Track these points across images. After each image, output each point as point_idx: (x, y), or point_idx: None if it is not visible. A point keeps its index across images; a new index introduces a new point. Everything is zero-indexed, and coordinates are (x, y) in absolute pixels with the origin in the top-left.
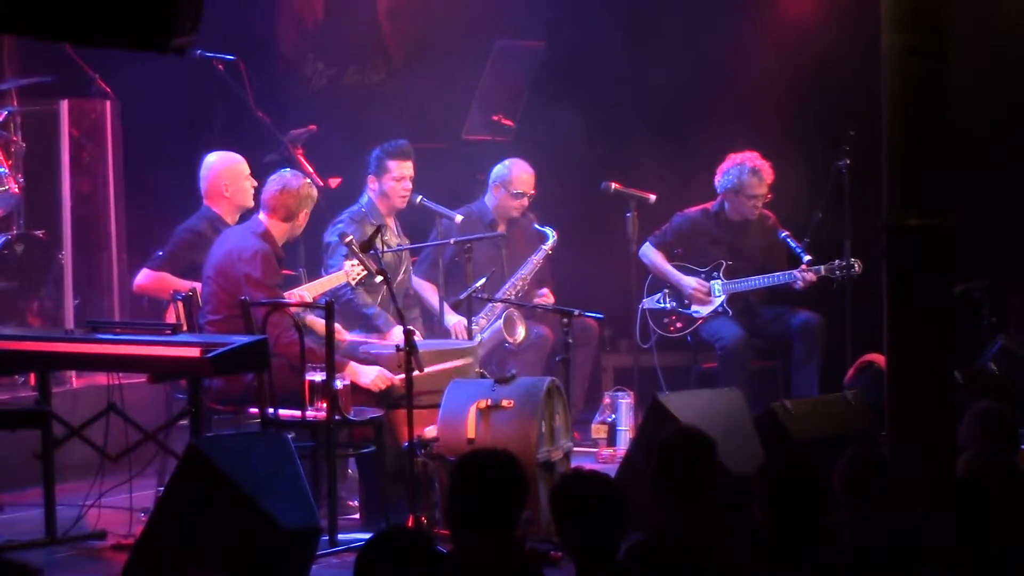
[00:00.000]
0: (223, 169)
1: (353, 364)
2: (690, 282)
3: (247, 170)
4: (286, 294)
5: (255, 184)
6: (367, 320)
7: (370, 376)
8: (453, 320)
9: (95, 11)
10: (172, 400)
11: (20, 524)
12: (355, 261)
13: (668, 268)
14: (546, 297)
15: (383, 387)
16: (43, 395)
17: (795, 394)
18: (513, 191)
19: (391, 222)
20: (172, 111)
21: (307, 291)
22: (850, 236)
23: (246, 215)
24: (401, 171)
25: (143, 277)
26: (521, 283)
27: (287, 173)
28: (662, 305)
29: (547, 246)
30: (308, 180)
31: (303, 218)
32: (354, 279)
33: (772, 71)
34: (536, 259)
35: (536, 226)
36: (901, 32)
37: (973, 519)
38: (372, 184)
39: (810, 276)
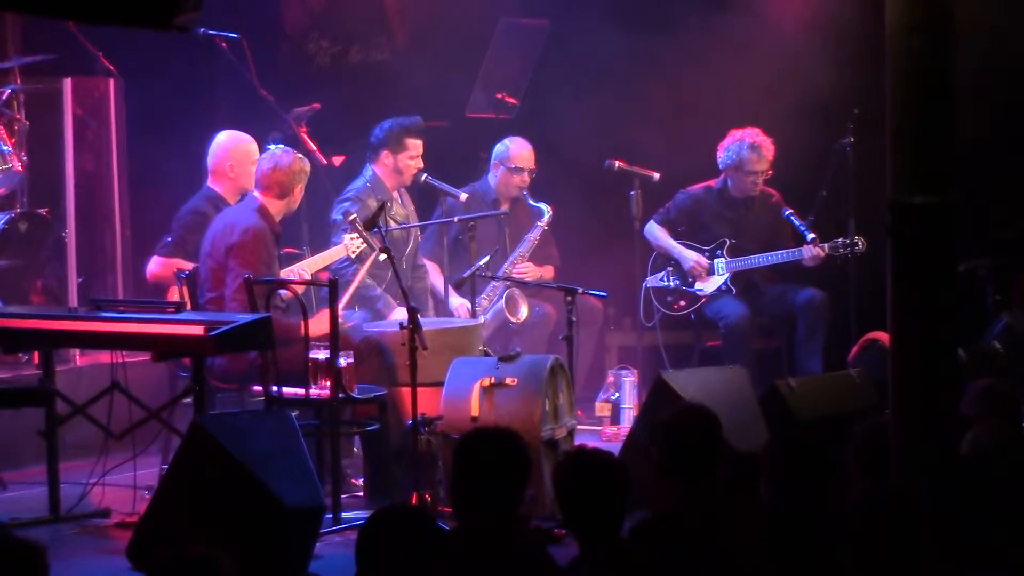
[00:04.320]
0: (231, 148)
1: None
2: (690, 256)
3: (256, 154)
4: (286, 270)
5: None
6: (369, 301)
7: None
8: (456, 302)
9: None
10: (176, 378)
11: (24, 502)
12: (354, 234)
13: (671, 243)
14: (531, 271)
15: None
16: (47, 373)
17: (799, 372)
18: (511, 167)
19: (395, 194)
20: (175, 89)
21: (307, 267)
22: (854, 214)
23: None
24: (418, 149)
25: (155, 264)
26: (520, 261)
27: (277, 150)
28: (666, 283)
29: (543, 222)
30: (299, 155)
31: (298, 192)
32: (353, 252)
33: (777, 49)
34: (533, 237)
35: (531, 202)
36: (905, 9)
37: (977, 497)
38: (386, 159)
39: (818, 251)
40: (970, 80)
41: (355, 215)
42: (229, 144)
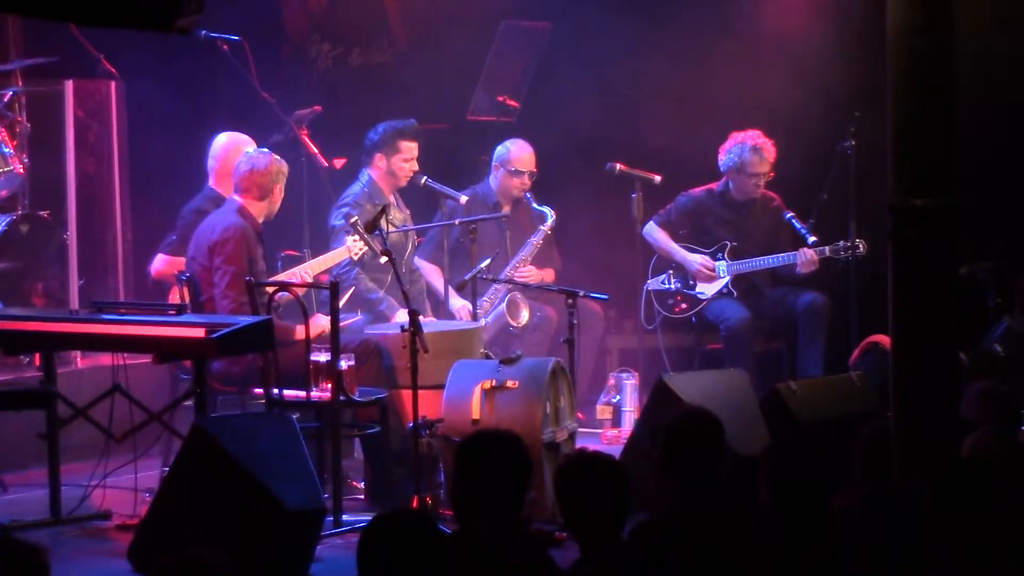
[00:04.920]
0: (235, 150)
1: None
2: (696, 259)
3: None
4: (287, 273)
5: None
6: (371, 305)
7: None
8: (458, 304)
9: None
10: (177, 380)
11: (25, 504)
12: (357, 237)
13: (672, 246)
14: (533, 275)
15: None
16: (48, 376)
17: (800, 375)
18: (512, 169)
19: (391, 197)
20: (177, 91)
21: (309, 270)
22: (855, 217)
23: None
24: (412, 151)
25: (159, 263)
26: (522, 265)
27: (253, 153)
28: (667, 286)
29: (546, 226)
30: (276, 157)
31: (278, 193)
32: (356, 255)
33: (779, 51)
34: (536, 240)
35: (535, 205)
36: (907, 11)
37: (977, 499)
38: (380, 162)
39: (812, 255)
40: (970, 80)
41: (356, 218)
42: (232, 146)
